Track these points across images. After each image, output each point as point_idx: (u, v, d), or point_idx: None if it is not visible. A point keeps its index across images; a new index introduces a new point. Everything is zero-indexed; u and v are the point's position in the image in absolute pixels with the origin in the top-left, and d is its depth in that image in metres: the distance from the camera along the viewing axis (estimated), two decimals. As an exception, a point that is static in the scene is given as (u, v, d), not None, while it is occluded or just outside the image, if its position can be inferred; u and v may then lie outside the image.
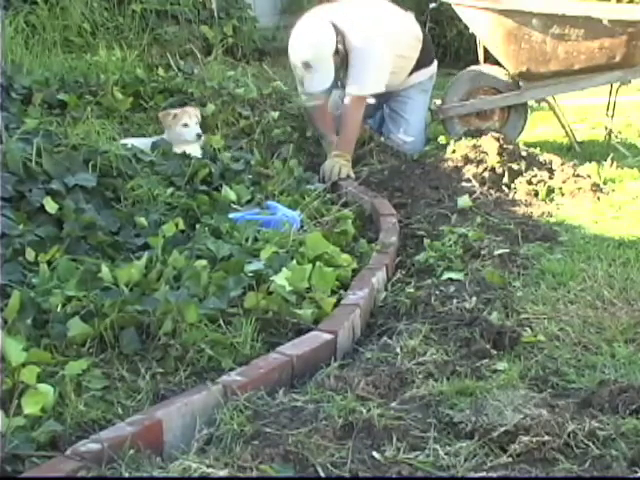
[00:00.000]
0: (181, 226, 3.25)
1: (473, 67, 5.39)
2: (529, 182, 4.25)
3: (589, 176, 4.34)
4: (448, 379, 2.39)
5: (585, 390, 2.33)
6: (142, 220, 3.27)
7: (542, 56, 4.98)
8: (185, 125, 4.13)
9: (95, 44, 6.03)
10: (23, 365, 2.12)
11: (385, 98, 5.00)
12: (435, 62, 5.16)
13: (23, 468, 1.89)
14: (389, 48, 4.70)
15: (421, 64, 5.01)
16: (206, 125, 4.62)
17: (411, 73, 5.00)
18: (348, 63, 4.62)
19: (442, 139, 4.88)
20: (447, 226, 3.63)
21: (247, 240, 3.17)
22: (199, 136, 4.14)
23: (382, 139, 4.89)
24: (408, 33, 4.96)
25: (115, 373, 2.33)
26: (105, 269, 2.70)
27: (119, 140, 3.98)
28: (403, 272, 3.25)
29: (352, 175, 4.40)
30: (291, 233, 3.22)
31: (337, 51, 4.57)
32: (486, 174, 4.29)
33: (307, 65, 4.56)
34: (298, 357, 2.42)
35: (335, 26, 4.58)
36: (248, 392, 2.21)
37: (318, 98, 4.75)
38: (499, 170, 4.31)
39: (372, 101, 4.98)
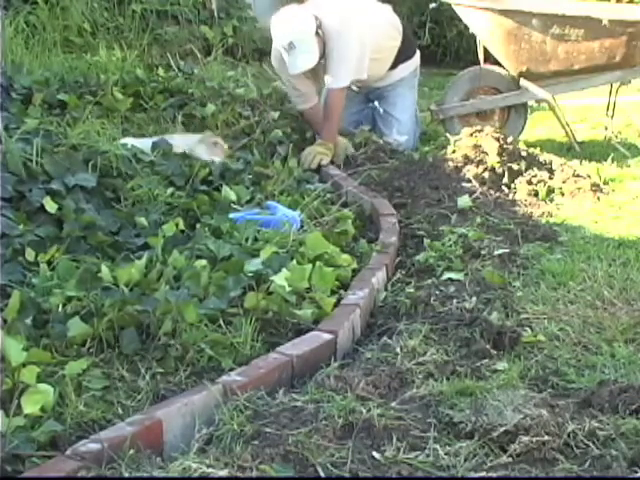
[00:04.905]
0: (181, 226, 3.25)
1: (473, 67, 5.39)
2: (529, 182, 4.24)
3: (589, 176, 4.34)
4: (448, 379, 2.39)
5: (585, 390, 2.33)
6: (142, 220, 3.27)
7: (542, 56, 4.98)
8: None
9: (95, 44, 6.01)
10: (23, 365, 2.12)
11: (374, 96, 5.03)
12: (418, 54, 5.22)
13: (23, 468, 1.89)
14: (366, 37, 4.76)
15: (404, 56, 5.07)
16: (206, 125, 4.62)
17: (395, 66, 5.04)
18: (325, 54, 4.67)
19: (442, 139, 4.89)
20: (447, 226, 3.63)
21: (247, 240, 3.17)
22: None
23: (381, 140, 4.90)
24: (386, 23, 5.02)
25: (115, 373, 2.33)
26: (105, 269, 2.70)
27: (119, 140, 3.97)
28: (403, 272, 3.25)
29: (325, 162, 4.49)
30: (291, 233, 3.21)
31: (317, 33, 4.61)
32: (486, 174, 4.29)
33: (291, 46, 4.60)
34: (298, 357, 2.42)
35: (313, 15, 4.65)
36: (248, 392, 2.21)
37: (310, 100, 4.81)
38: (499, 170, 4.31)
39: (362, 106, 5.05)
